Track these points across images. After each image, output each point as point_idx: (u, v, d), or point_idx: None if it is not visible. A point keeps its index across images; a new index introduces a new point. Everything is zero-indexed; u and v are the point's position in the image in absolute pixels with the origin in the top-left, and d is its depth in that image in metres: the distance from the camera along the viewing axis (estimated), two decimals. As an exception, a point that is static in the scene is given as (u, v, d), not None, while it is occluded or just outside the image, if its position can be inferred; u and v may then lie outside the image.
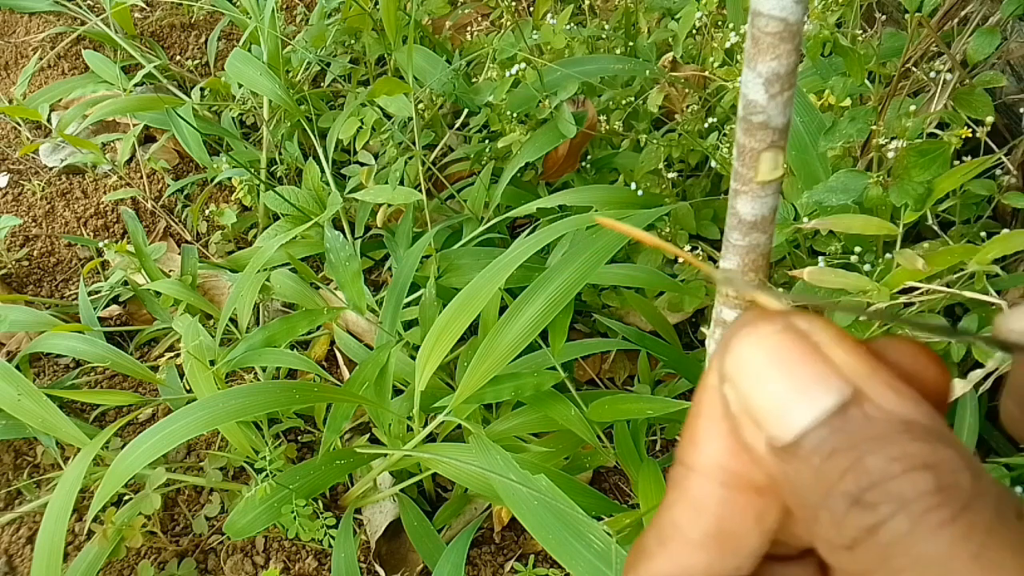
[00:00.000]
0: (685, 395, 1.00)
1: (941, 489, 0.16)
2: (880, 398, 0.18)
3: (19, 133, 1.56)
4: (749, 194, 0.23)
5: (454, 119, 1.29)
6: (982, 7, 0.83)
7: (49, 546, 0.79)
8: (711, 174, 1.05)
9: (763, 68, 0.21)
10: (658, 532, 0.21)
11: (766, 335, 0.19)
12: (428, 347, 0.84)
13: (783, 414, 0.18)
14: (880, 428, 0.17)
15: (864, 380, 0.18)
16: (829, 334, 0.19)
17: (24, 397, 0.88)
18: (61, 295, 1.31)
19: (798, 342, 0.19)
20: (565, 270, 0.82)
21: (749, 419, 0.19)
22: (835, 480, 0.17)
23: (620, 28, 1.17)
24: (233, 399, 0.79)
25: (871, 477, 0.17)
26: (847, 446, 0.17)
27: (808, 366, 0.18)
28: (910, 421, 0.17)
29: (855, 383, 0.18)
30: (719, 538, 0.20)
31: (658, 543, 0.21)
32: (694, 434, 0.21)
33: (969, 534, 0.16)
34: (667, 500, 0.21)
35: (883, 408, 0.18)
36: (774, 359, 0.19)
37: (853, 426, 0.17)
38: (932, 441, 0.17)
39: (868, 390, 0.18)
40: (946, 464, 0.17)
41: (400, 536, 0.97)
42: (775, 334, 0.19)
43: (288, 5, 1.73)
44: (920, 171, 0.66)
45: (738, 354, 0.19)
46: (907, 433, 0.17)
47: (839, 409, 0.18)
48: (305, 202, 1.15)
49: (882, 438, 0.17)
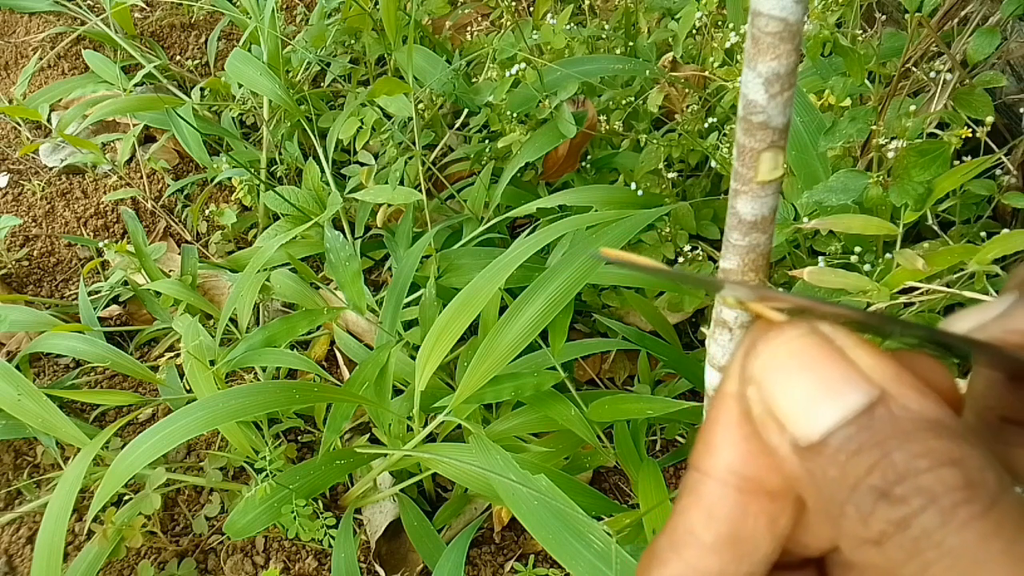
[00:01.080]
0: (685, 395, 1.00)
1: (969, 485, 0.16)
2: (905, 398, 0.18)
3: (19, 133, 1.56)
4: (749, 194, 0.23)
5: (454, 119, 1.29)
6: (982, 7, 0.83)
7: (49, 546, 0.79)
8: (711, 174, 1.05)
9: (763, 68, 0.21)
10: (671, 537, 0.21)
11: (791, 339, 0.19)
12: (428, 347, 0.84)
13: (809, 414, 0.18)
14: (906, 426, 0.18)
15: (889, 381, 0.18)
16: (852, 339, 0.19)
17: (24, 397, 0.88)
18: (61, 295, 1.31)
19: (823, 345, 0.19)
20: (565, 270, 0.82)
21: (773, 420, 0.19)
22: (862, 476, 0.17)
23: (620, 28, 1.17)
24: (233, 399, 0.79)
25: (898, 472, 0.17)
26: (874, 443, 0.17)
27: (834, 368, 0.19)
28: (935, 420, 0.18)
29: (881, 384, 0.18)
30: (733, 543, 0.20)
31: (671, 548, 0.21)
32: (710, 440, 0.21)
33: (999, 529, 0.16)
34: (680, 506, 0.21)
35: (908, 408, 0.18)
36: (800, 361, 0.19)
37: (879, 424, 0.18)
38: (957, 439, 0.17)
39: (893, 391, 0.18)
40: (972, 461, 0.17)
41: (400, 536, 0.97)
42: (800, 338, 0.19)
43: (288, 5, 1.73)
44: (920, 171, 0.66)
45: (764, 357, 0.20)
46: (932, 431, 0.17)
47: (865, 409, 0.18)
48: (305, 202, 1.15)
49: (908, 435, 0.17)
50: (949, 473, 0.17)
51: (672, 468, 1.01)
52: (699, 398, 0.96)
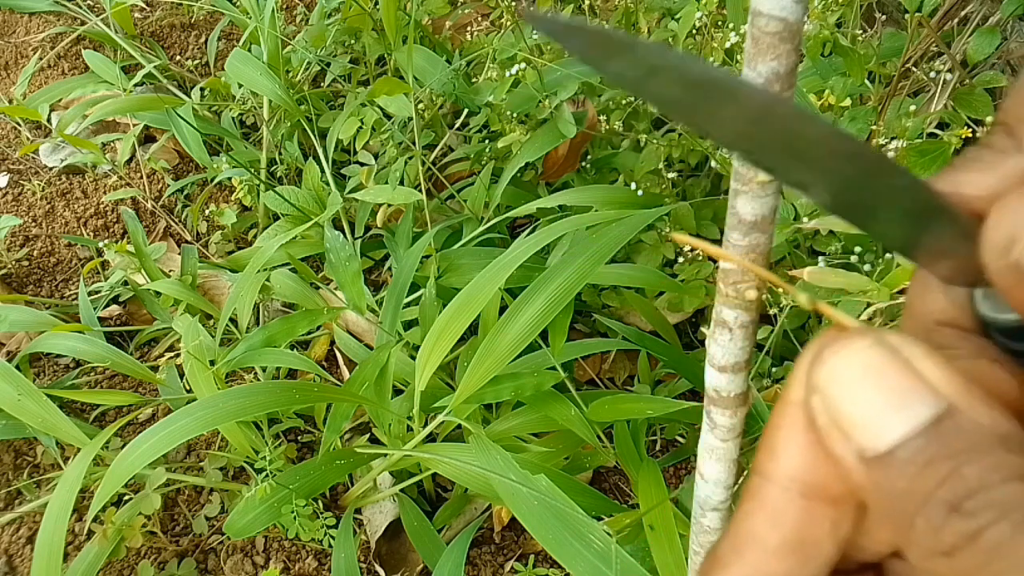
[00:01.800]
0: (685, 395, 1.00)
1: None
2: (974, 412, 0.18)
3: (19, 133, 1.56)
4: (749, 194, 0.23)
5: (454, 119, 1.29)
6: (982, 7, 0.83)
7: (49, 546, 0.78)
8: (711, 174, 1.05)
9: (763, 68, 0.21)
10: (734, 542, 0.21)
11: (858, 349, 0.19)
12: (428, 347, 0.84)
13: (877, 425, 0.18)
14: (976, 440, 0.18)
15: (958, 394, 0.18)
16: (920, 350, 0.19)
17: (24, 397, 0.88)
18: (61, 295, 1.31)
19: (890, 356, 0.19)
20: (565, 270, 0.82)
21: (838, 430, 0.19)
22: (932, 488, 0.17)
23: (620, 28, 1.17)
24: (233, 399, 0.79)
25: (969, 485, 0.17)
26: (944, 456, 0.17)
27: (902, 379, 0.19)
28: (1004, 434, 0.18)
29: (949, 397, 0.18)
30: (797, 547, 0.21)
31: (734, 552, 0.21)
32: (773, 446, 0.21)
33: None
34: (743, 510, 0.22)
35: (977, 422, 0.18)
36: (867, 372, 0.19)
37: (949, 438, 0.18)
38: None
39: (962, 404, 0.18)
40: None
41: (400, 536, 0.97)
42: (867, 348, 0.19)
43: (288, 5, 1.73)
44: (920, 171, 0.66)
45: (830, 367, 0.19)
46: (1003, 446, 0.17)
47: (934, 421, 0.18)
48: (305, 202, 1.15)
49: (978, 449, 0.17)
50: (1020, 488, 0.17)
51: (672, 468, 1.01)
52: (699, 398, 0.95)
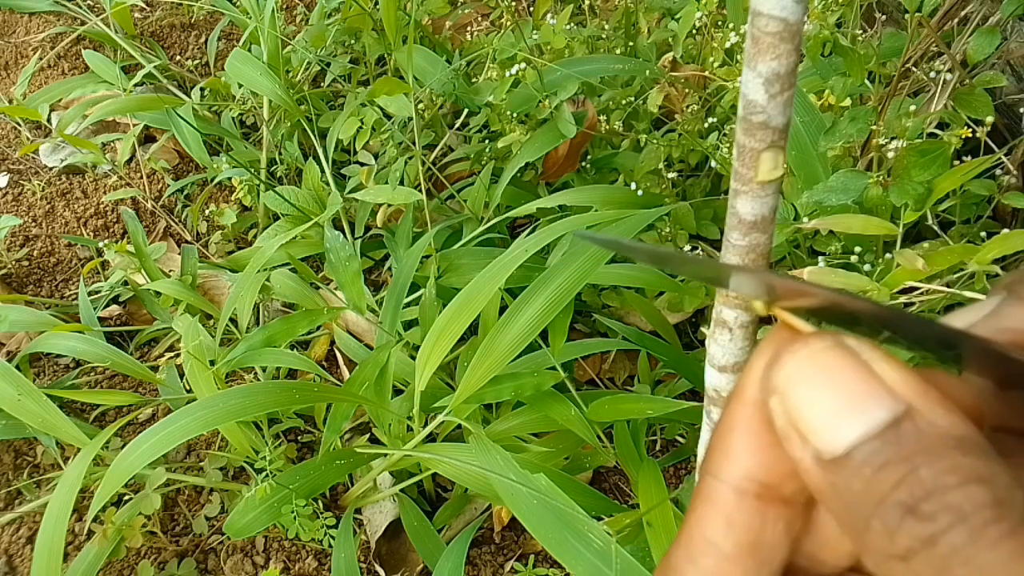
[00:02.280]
0: (685, 395, 1.00)
1: (998, 503, 0.16)
2: (932, 414, 0.18)
3: (19, 133, 1.56)
4: (749, 194, 0.23)
5: (454, 119, 1.29)
6: (982, 7, 0.83)
7: (49, 546, 0.79)
8: (711, 174, 1.05)
9: (763, 68, 0.21)
10: (687, 548, 0.21)
11: (817, 351, 0.19)
12: (428, 347, 0.84)
13: (834, 427, 0.18)
14: (933, 442, 0.17)
15: (915, 396, 0.18)
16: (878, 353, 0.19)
17: (24, 397, 0.88)
18: (61, 295, 1.31)
19: (849, 358, 0.19)
20: (565, 270, 0.82)
21: (795, 432, 0.19)
22: (888, 491, 0.17)
23: (620, 28, 1.17)
24: (233, 399, 0.79)
25: (926, 488, 0.17)
26: (900, 458, 0.17)
27: (860, 382, 0.18)
28: (962, 436, 0.17)
29: (907, 399, 0.18)
30: (753, 550, 0.20)
31: (688, 559, 0.21)
32: (727, 447, 0.21)
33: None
34: (695, 514, 0.21)
35: (935, 424, 0.18)
36: (825, 374, 0.19)
37: (906, 440, 0.17)
38: (985, 457, 0.17)
39: (919, 406, 0.18)
40: (1001, 479, 0.17)
41: (400, 536, 0.97)
42: (826, 350, 0.19)
43: (288, 5, 1.73)
44: (920, 171, 0.66)
45: (789, 368, 0.19)
46: (960, 448, 0.17)
47: (891, 423, 0.18)
48: (305, 202, 1.15)
49: (935, 452, 0.17)
50: (978, 491, 0.16)
51: (672, 468, 1.01)
52: (699, 398, 0.96)
